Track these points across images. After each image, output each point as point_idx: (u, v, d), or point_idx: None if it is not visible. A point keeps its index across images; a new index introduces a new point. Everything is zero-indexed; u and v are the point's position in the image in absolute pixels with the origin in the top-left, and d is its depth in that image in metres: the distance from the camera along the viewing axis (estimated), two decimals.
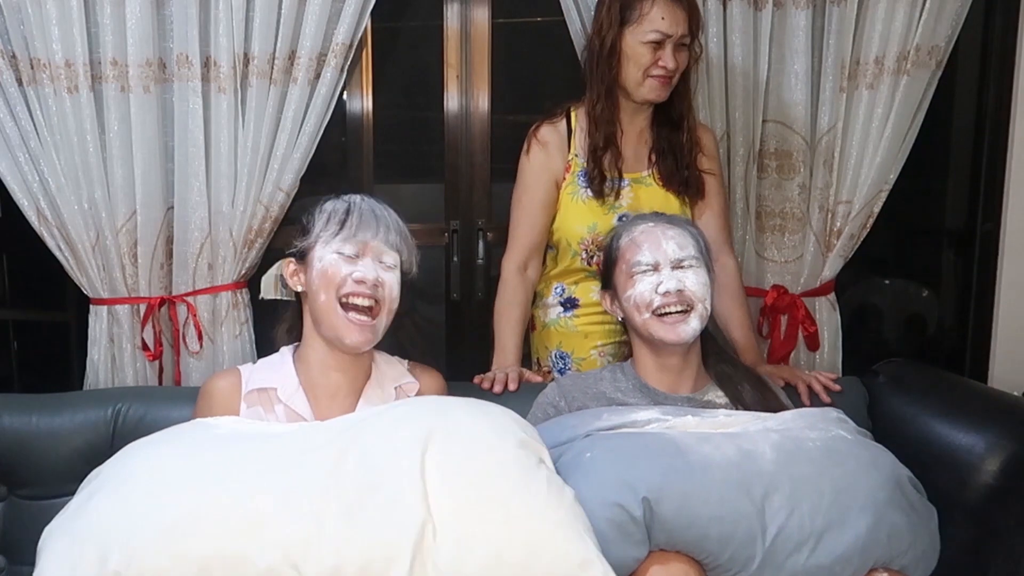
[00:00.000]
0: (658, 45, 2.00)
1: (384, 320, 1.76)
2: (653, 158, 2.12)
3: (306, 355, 1.80)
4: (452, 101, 2.50)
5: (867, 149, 2.25)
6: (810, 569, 1.52)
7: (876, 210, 2.29)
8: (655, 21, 1.99)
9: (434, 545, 1.39)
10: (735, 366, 1.91)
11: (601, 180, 2.07)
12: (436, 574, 1.37)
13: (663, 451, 1.59)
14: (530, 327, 2.24)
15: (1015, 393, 2.07)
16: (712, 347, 1.90)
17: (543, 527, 1.43)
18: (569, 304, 2.16)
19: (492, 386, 1.95)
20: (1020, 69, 2.31)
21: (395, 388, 1.85)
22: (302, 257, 1.77)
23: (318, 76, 2.18)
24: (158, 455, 1.55)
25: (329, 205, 1.79)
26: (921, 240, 2.98)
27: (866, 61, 2.21)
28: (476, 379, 2.01)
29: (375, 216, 1.76)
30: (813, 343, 2.32)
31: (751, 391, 1.86)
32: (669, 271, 1.80)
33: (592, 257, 2.11)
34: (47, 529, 1.50)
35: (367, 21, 2.22)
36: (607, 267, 1.91)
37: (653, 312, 1.79)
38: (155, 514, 1.42)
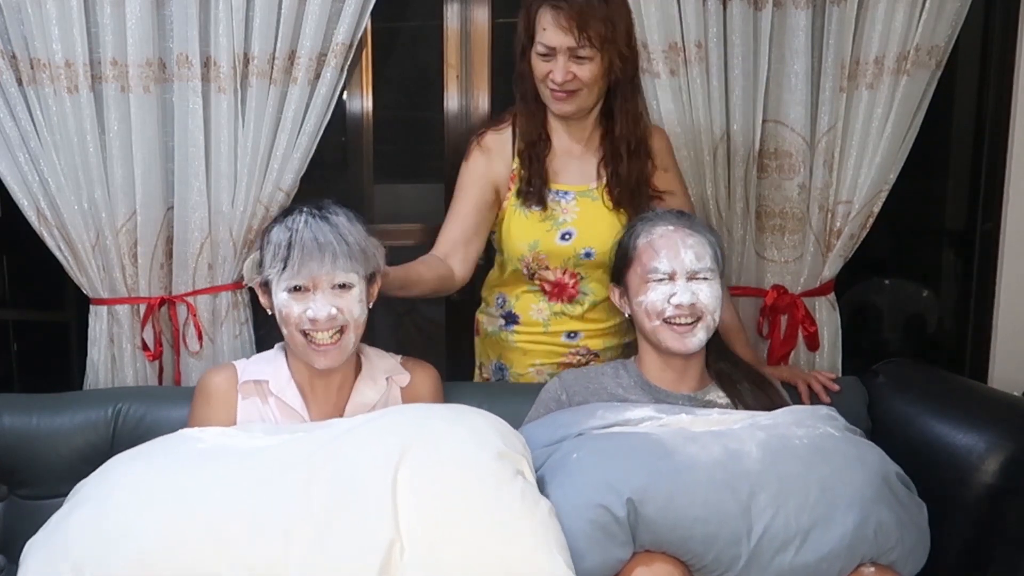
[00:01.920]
0: (547, 57, 1.91)
1: (352, 336, 1.77)
2: (603, 172, 2.05)
3: (295, 359, 1.84)
4: (452, 101, 2.50)
5: (867, 149, 2.25)
6: (797, 567, 1.53)
7: (876, 210, 2.29)
8: (541, 33, 1.90)
9: (401, 564, 1.40)
10: (736, 365, 1.91)
11: (529, 186, 2.01)
12: None
13: (649, 452, 1.59)
14: (475, 331, 2.24)
15: (1015, 393, 2.07)
16: (714, 346, 1.90)
17: (513, 544, 1.43)
18: (509, 319, 2.13)
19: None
20: (1020, 69, 2.31)
21: (386, 379, 1.87)
22: (265, 284, 1.79)
23: (318, 76, 2.18)
24: (137, 471, 1.58)
25: (274, 235, 1.76)
26: (921, 240, 2.99)
27: (866, 61, 2.21)
28: None
29: (318, 245, 1.70)
30: (813, 343, 2.32)
31: (752, 390, 1.86)
32: (684, 282, 1.79)
33: (533, 274, 2.06)
34: (30, 542, 1.55)
35: (367, 21, 2.22)
36: (621, 262, 1.90)
37: (663, 320, 1.80)
38: (129, 534, 1.46)
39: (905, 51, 2.20)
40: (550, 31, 1.89)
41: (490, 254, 2.20)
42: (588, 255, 2.03)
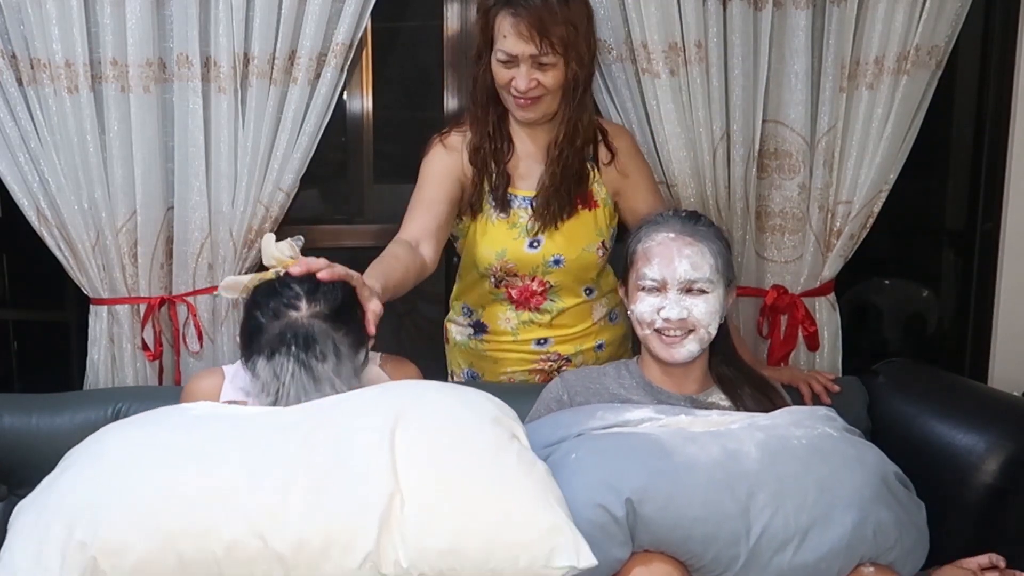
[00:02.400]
0: (508, 64, 1.85)
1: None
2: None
3: None
4: (452, 101, 2.50)
5: (867, 149, 2.25)
6: (796, 567, 1.53)
7: (876, 210, 2.29)
8: (500, 39, 1.84)
9: (401, 515, 1.39)
10: (739, 368, 1.90)
11: (491, 191, 1.97)
12: (403, 543, 1.38)
13: (648, 452, 1.59)
14: (444, 339, 2.23)
15: (1015, 393, 2.07)
16: (718, 349, 1.89)
17: (512, 496, 1.43)
18: (478, 328, 2.11)
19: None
20: (1020, 69, 2.31)
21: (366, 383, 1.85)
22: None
23: (318, 76, 2.18)
24: (131, 435, 1.56)
25: (261, 371, 1.64)
26: (921, 240, 2.98)
27: (866, 61, 2.21)
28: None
29: (298, 383, 1.61)
30: (813, 343, 2.32)
31: (754, 393, 1.86)
32: (676, 294, 1.76)
33: (500, 281, 2.03)
34: (18, 506, 1.51)
35: (367, 21, 2.22)
36: (625, 262, 1.87)
37: (653, 330, 1.79)
38: (124, 489, 1.43)
39: (905, 51, 2.20)
40: (511, 39, 1.82)
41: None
42: (557, 262, 2.01)
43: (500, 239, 2.00)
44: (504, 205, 1.98)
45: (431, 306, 2.81)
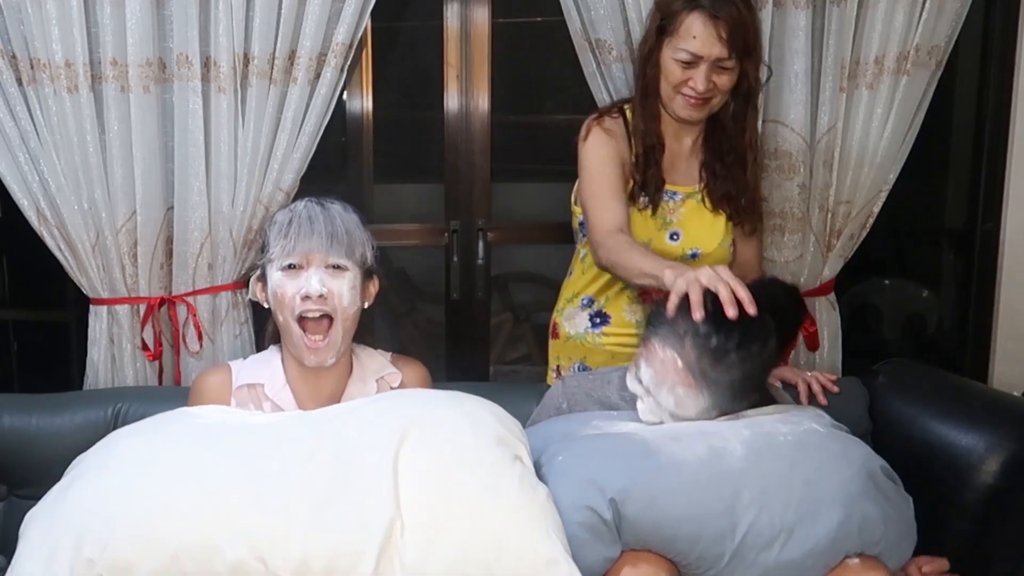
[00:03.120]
0: (689, 64, 1.87)
1: (339, 332, 1.78)
2: (704, 174, 2.04)
3: (287, 355, 1.85)
4: (452, 101, 2.50)
5: (867, 149, 2.25)
6: (782, 564, 1.53)
7: (876, 210, 2.29)
8: (687, 39, 1.85)
9: (401, 542, 1.41)
10: None
11: (642, 189, 1.97)
12: (403, 570, 1.40)
13: (631, 453, 1.59)
14: (552, 334, 2.18)
15: (1015, 393, 2.07)
16: None
17: (511, 525, 1.44)
18: (599, 319, 2.08)
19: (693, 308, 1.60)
20: (1020, 69, 2.31)
21: (376, 380, 1.88)
22: (264, 274, 1.82)
23: (318, 76, 2.18)
24: (139, 444, 1.58)
25: (278, 216, 1.84)
26: (921, 240, 2.99)
27: (866, 61, 2.21)
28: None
29: (311, 223, 1.77)
30: (813, 343, 2.32)
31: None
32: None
33: None
34: (29, 513, 1.54)
35: (367, 21, 2.22)
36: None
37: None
38: (130, 504, 1.46)
39: (905, 51, 2.20)
40: (700, 40, 1.84)
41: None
42: (695, 255, 2.02)
43: (644, 230, 1.99)
44: (655, 203, 1.99)
45: (431, 306, 2.82)
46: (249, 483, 1.46)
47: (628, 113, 2.03)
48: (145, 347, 2.27)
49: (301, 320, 1.76)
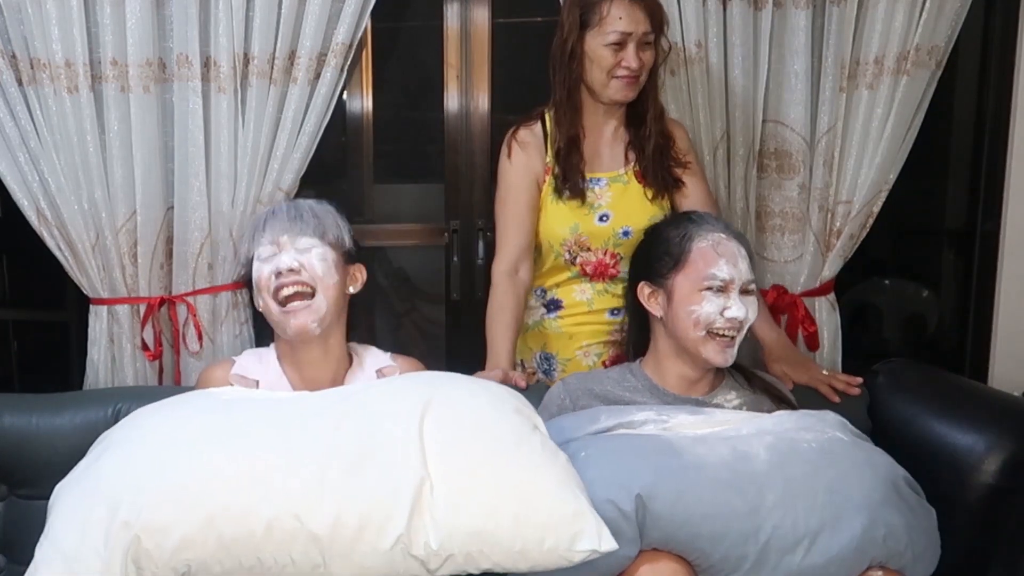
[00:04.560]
0: (620, 46, 1.99)
1: (322, 299, 1.80)
2: (630, 156, 2.12)
3: (281, 344, 1.89)
4: (452, 101, 2.50)
5: (867, 149, 2.25)
6: (805, 569, 1.52)
7: (876, 210, 2.29)
8: (614, 22, 1.98)
9: (431, 499, 1.45)
10: (749, 379, 1.91)
11: (565, 181, 2.07)
12: (433, 525, 1.43)
13: (658, 451, 1.60)
14: None
15: (1015, 393, 2.07)
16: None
17: (537, 482, 1.49)
18: (553, 305, 2.16)
19: None
20: (1020, 69, 2.31)
21: (376, 371, 1.90)
22: (250, 280, 1.87)
23: (318, 76, 2.18)
24: (164, 418, 1.61)
25: (258, 222, 1.90)
26: (921, 240, 2.99)
27: (866, 61, 2.21)
28: None
29: (285, 213, 1.84)
30: (813, 343, 2.32)
31: (762, 400, 1.86)
32: (737, 295, 1.77)
33: (575, 257, 2.10)
34: (57, 487, 1.57)
35: (367, 21, 2.22)
36: (663, 261, 1.83)
37: (709, 332, 1.77)
38: (163, 471, 1.49)
39: (905, 51, 2.20)
40: (627, 19, 1.98)
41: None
42: (626, 234, 2.08)
43: (572, 216, 2.09)
44: (580, 193, 2.08)
45: (431, 306, 2.81)
46: (280, 449, 1.49)
47: (548, 117, 2.11)
48: (145, 347, 2.27)
49: (277, 294, 1.79)
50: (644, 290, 1.86)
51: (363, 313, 1.88)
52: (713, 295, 1.77)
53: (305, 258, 1.80)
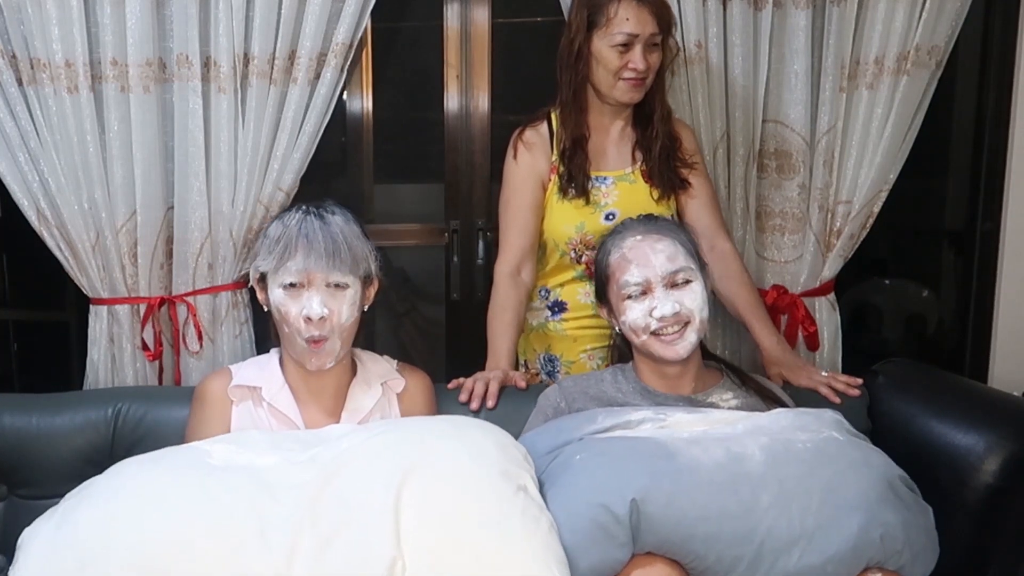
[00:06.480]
0: (626, 47, 1.99)
1: (336, 343, 1.78)
2: (637, 155, 2.13)
3: (287, 358, 1.86)
4: (452, 101, 2.50)
5: (867, 149, 2.25)
6: (802, 569, 1.52)
7: (876, 210, 2.29)
8: (621, 23, 1.98)
9: None
10: (743, 382, 1.91)
11: (569, 181, 2.08)
12: None
13: (651, 453, 1.60)
14: None
15: (1015, 393, 2.07)
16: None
17: (514, 564, 1.46)
18: (557, 308, 2.16)
19: (469, 400, 1.93)
20: (1020, 69, 2.31)
21: (382, 384, 1.88)
22: (263, 279, 1.82)
23: (318, 76, 2.18)
24: (148, 475, 1.59)
25: (271, 229, 1.82)
26: (921, 240, 2.99)
27: (866, 61, 2.21)
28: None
29: (308, 241, 1.74)
30: (813, 343, 2.32)
31: (758, 402, 1.86)
32: (663, 291, 1.78)
33: (581, 256, 2.11)
34: (28, 530, 1.55)
35: (367, 21, 2.22)
36: (599, 281, 1.91)
37: (650, 334, 1.79)
38: (135, 535, 1.47)
39: (905, 51, 2.20)
40: (633, 20, 1.98)
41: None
42: None
43: (577, 215, 2.10)
44: (584, 192, 2.08)
45: (431, 306, 2.81)
46: (253, 523, 1.47)
47: (553, 116, 2.12)
48: (145, 347, 2.27)
49: (302, 334, 1.76)
50: (601, 310, 1.94)
51: (363, 315, 1.87)
52: (635, 302, 1.79)
53: (335, 304, 1.75)
